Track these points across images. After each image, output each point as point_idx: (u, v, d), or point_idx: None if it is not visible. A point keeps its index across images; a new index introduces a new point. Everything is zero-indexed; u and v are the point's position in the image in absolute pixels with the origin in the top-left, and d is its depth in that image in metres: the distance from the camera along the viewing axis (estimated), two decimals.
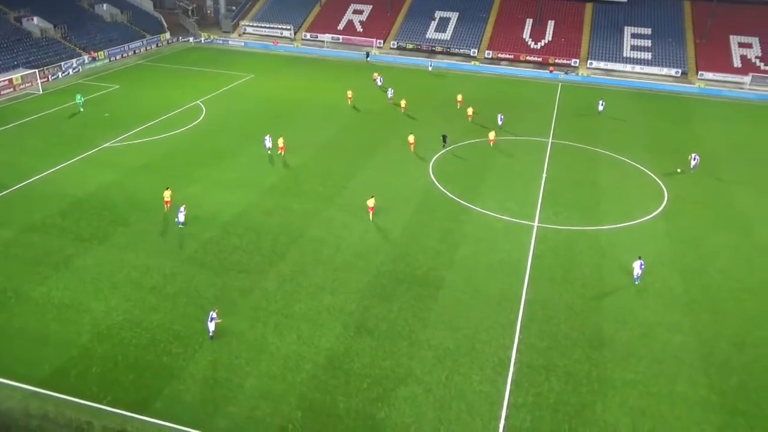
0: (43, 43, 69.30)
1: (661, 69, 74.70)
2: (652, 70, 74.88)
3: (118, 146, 46.22)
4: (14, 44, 66.44)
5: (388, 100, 59.32)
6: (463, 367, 24.46)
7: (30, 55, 65.63)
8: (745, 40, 75.81)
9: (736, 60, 73.82)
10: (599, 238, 35.05)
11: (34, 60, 64.77)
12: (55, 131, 49.12)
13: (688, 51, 76.63)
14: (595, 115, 56.67)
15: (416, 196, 39.23)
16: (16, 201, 36.97)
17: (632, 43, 78.24)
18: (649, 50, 76.88)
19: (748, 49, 74.68)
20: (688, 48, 77.01)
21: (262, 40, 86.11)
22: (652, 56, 76.10)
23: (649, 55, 76.30)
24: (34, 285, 28.77)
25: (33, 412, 21.68)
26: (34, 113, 52.87)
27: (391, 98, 59.50)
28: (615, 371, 24.62)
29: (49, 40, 70.31)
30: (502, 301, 28.82)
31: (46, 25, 71.62)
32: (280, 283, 29.59)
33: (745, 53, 74.35)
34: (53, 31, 71.88)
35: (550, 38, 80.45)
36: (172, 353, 24.70)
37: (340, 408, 22.33)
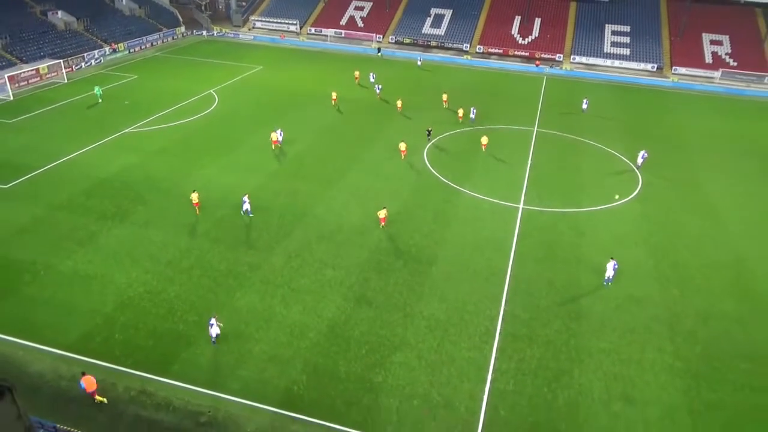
0: (67, 35, 68.44)
1: (639, 64, 74.13)
2: (630, 65, 74.31)
3: (137, 132, 45.90)
4: (40, 36, 65.60)
5: (377, 95, 57.25)
6: (453, 336, 24.61)
7: (55, 46, 64.84)
8: (716, 37, 75.19)
9: (708, 56, 73.27)
10: (579, 219, 35.06)
11: (59, 51, 64.02)
12: (78, 117, 48.73)
13: (664, 47, 76.03)
14: (579, 113, 55.19)
15: (411, 180, 39.11)
16: (43, 182, 36.80)
17: (612, 39, 77.54)
18: (627, 46, 76.22)
19: (718, 46, 74.09)
20: (664, 45, 76.38)
21: (270, 34, 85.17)
22: (630, 52, 75.47)
23: (628, 51, 75.66)
24: (62, 259, 28.76)
25: (62, 374, 21.81)
26: (60, 101, 52.39)
27: (379, 93, 57.37)
28: (591, 340, 24.80)
29: (73, 33, 69.43)
30: (489, 276, 28.90)
31: (70, 19, 70.66)
32: (287, 259, 29.61)
33: (716, 50, 73.78)
34: (76, 24, 70.95)
35: (537, 34, 79.66)
36: (188, 321, 24.79)
37: (341, 372, 22.49)
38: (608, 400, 21.76)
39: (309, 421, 20.27)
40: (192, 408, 20.56)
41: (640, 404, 21.64)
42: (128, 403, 20.65)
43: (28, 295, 26.14)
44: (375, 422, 20.36)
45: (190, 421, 20.07)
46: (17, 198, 34.54)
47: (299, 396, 21.29)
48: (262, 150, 43.04)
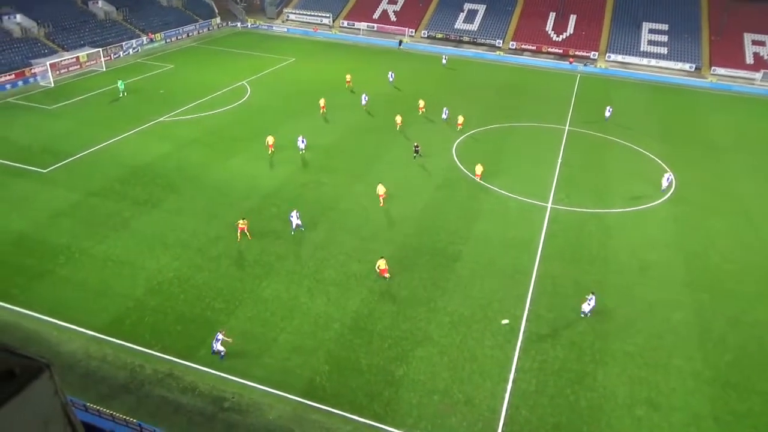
0: (107, 24, 69.93)
1: (676, 63, 72.30)
2: (667, 64, 72.52)
3: (171, 121, 46.73)
4: (81, 25, 67.17)
5: (363, 105, 51.02)
6: (476, 333, 24.52)
7: (95, 35, 66.32)
8: (758, 38, 72.77)
9: (749, 57, 71.01)
10: (608, 220, 34.48)
11: (98, 40, 65.47)
12: (115, 105, 49.83)
13: (703, 47, 73.94)
14: (603, 122, 50.94)
15: (439, 175, 38.97)
16: (80, 167, 37.78)
17: (649, 38, 75.74)
18: (665, 45, 74.38)
19: (760, 47, 71.73)
20: (703, 44, 74.28)
21: (303, 27, 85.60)
22: (667, 51, 73.64)
23: (665, 50, 73.84)
24: (96, 243, 29.53)
25: (93, 354, 22.45)
26: (98, 88, 53.63)
27: (366, 104, 51.17)
28: (616, 343, 24.43)
29: (112, 22, 70.91)
30: (515, 275, 28.67)
31: (110, 8, 72.16)
32: (313, 250, 29.85)
33: (757, 50, 71.44)
34: (116, 14, 72.43)
35: (572, 31, 78.32)
36: (215, 308, 25.23)
37: (363, 364, 22.62)
38: (632, 404, 21.43)
39: (330, 411, 20.47)
40: (216, 393, 20.96)
41: (665, 410, 21.25)
42: (155, 385, 21.15)
43: (63, 276, 26.93)
44: (395, 416, 20.45)
45: (214, 405, 20.47)
46: (55, 182, 35.55)
47: (321, 386, 21.50)
48: (292, 141, 43.37)
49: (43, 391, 2.48)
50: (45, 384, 2.47)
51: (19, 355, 2.52)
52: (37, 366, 2.48)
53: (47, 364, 2.48)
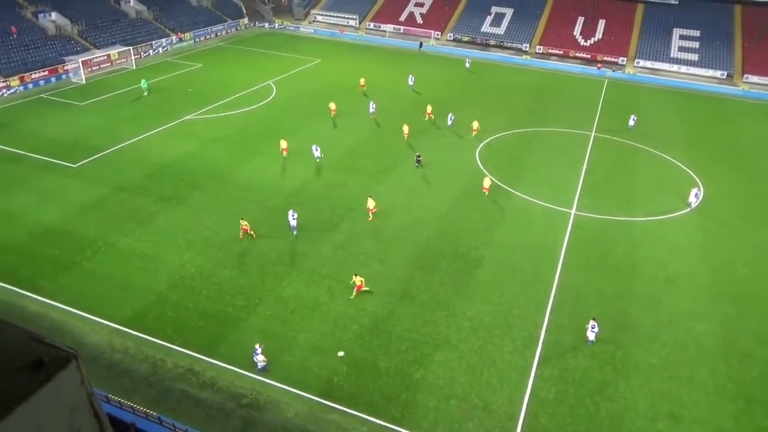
0: (138, 23, 71.20)
1: (707, 71, 70.84)
2: (697, 71, 71.10)
3: (197, 119, 47.37)
4: (113, 24, 68.51)
5: (370, 115, 49.39)
6: (496, 339, 24.31)
7: (126, 33, 67.59)
8: None
9: None
10: (634, 228, 33.92)
11: (129, 38, 66.71)
12: (144, 103, 50.70)
13: (736, 54, 72.33)
14: (625, 131, 49.37)
15: (462, 179, 38.77)
16: (109, 163, 38.52)
17: (680, 44, 74.38)
18: (696, 52, 72.95)
19: None
20: (736, 51, 72.67)
21: (330, 28, 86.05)
22: (698, 58, 72.21)
23: (696, 56, 72.42)
24: (121, 237, 30.06)
25: (116, 347, 22.83)
26: (128, 86, 54.61)
27: (373, 113, 49.51)
28: (639, 354, 24.00)
29: (143, 21, 72.17)
30: (536, 282, 28.37)
31: (141, 7, 73.48)
32: (334, 251, 29.95)
33: None
34: (147, 13, 73.71)
35: (600, 36, 77.34)
36: (236, 305, 25.46)
37: (381, 366, 22.60)
38: (654, 416, 21.01)
39: (347, 412, 20.49)
40: (235, 389, 21.14)
41: (687, 423, 20.79)
42: (176, 379, 21.42)
43: (89, 269, 27.46)
44: (411, 419, 20.38)
45: (232, 402, 20.65)
46: (84, 177, 36.29)
47: (339, 386, 21.53)
48: (316, 141, 43.60)
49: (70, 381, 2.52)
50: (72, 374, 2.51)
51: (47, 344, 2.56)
52: (65, 356, 2.52)
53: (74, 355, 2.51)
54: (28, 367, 2.43)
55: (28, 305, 24.87)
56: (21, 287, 25.84)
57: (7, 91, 51.59)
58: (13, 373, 2.46)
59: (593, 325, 24.07)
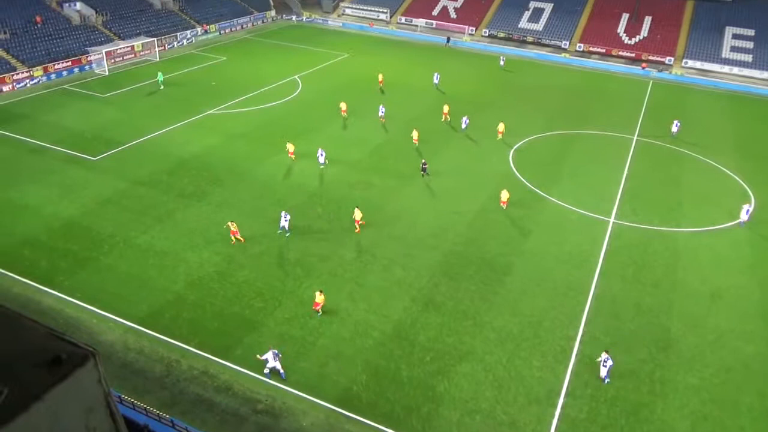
0: (163, 14, 72.63)
1: (762, 72, 69.01)
2: (751, 72, 69.31)
3: (220, 113, 48.08)
4: (138, 14, 70.03)
5: (380, 118, 47.81)
6: (525, 352, 24.09)
7: (150, 24, 69.02)
8: None
9: None
10: (677, 240, 33.24)
11: (153, 29, 68.10)
12: (166, 96, 51.67)
13: None
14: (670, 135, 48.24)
15: (493, 182, 38.51)
16: (129, 157, 39.37)
17: (732, 43, 72.65)
18: (750, 52, 71.14)
19: None
20: None
21: (359, 22, 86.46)
22: (753, 59, 70.41)
23: (750, 57, 70.62)
24: (140, 233, 30.68)
25: (131, 346, 23.31)
26: (150, 78, 55.70)
27: (382, 116, 47.87)
28: (679, 374, 23.49)
29: (168, 12, 73.59)
30: (569, 293, 28.03)
31: None
32: (357, 254, 30.06)
33: None
34: (172, 4, 75.14)
35: (646, 34, 76.05)
36: (254, 307, 25.75)
37: (403, 376, 22.59)
38: None
39: (365, 422, 20.53)
40: (250, 394, 21.37)
41: None
42: (190, 382, 21.76)
43: (106, 265, 28.11)
44: None
45: (247, 407, 20.88)
46: (104, 170, 37.16)
47: (357, 396, 21.59)
48: (340, 139, 43.87)
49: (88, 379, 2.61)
50: (90, 372, 2.60)
51: (66, 341, 2.65)
52: (83, 353, 2.61)
53: (93, 352, 2.60)
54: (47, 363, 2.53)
55: (45, 300, 25.57)
56: (38, 282, 26.59)
57: (30, 81, 53.15)
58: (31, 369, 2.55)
59: (605, 359, 22.57)
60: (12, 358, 2.60)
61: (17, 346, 2.64)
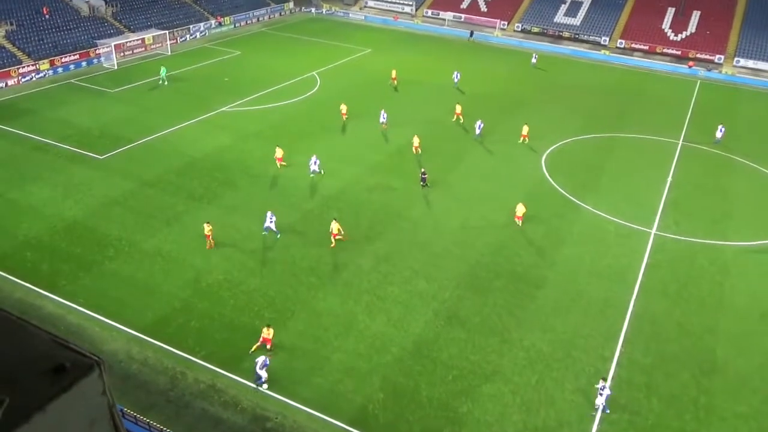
0: (175, 5, 73.76)
1: None
2: None
3: (234, 111, 48.63)
4: (149, 6, 71.21)
5: (382, 125, 46.30)
6: (556, 373, 23.85)
7: (162, 16, 70.14)
8: None
9: None
10: (725, 254, 32.68)
11: (165, 21, 69.18)
12: (177, 92, 52.43)
13: None
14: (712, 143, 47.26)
15: (524, 188, 38.30)
16: (137, 156, 39.99)
17: None
18: None
19: None
20: None
21: (383, 15, 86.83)
22: None
23: None
24: (147, 237, 31.11)
25: (134, 356, 23.61)
26: (166, 75, 56.50)
27: (384, 122, 46.36)
28: (726, 401, 23.05)
29: (181, 4, 74.71)
30: (606, 310, 27.71)
31: None
32: (375, 263, 30.10)
33: None
34: None
35: (694, 30, 75.15)
36: (264, 318, 25.90)
37: (423, 396, 22.52)
38: None
39: None
40: (259, 411, 21.49)
41: None
42: (196, 396, 21.95)
43: (111, 269, 28.55)
44: None
45: (256, 425, 20.99)
46: (111, 170, 37.80)
47: (374, 415, 21.58)
48: (360, 140, 44.02)
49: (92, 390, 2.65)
50: (94, 382, 2.64)
51: (70, 349, 2.71)
52: (87, 362, 2.66)
53: (98, 362, 2.65)
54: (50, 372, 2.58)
55: (46, 306, 26.04)
56: (39, 286, 27.10)
57: (36, 75, 54.36)
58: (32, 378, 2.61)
59: (603, 387, 21.97)
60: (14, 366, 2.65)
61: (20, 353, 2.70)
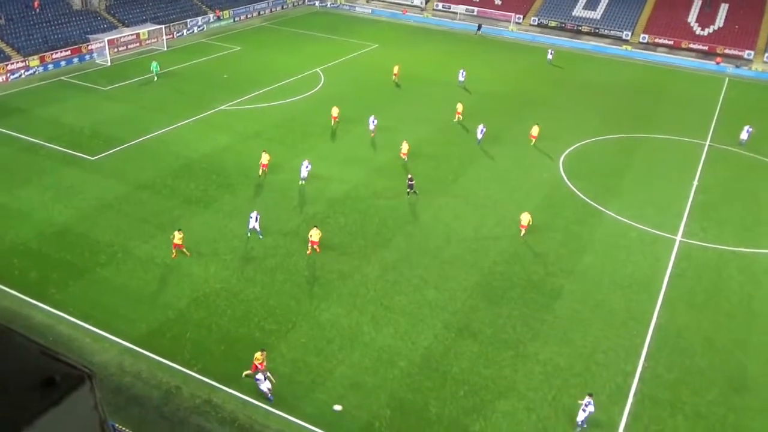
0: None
1: None
2: None
3: (233, 110, 48.82)
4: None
5: (371, 132, 44.96)
6: (574, 389, 23.74)
7: (158, 10, 70.55)
8: None
9: None
10: (756, 263, 32.50)
11: (161, 15, 69.57)
12: (174, 89, 52.70)
13: None
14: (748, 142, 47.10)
15: (541, 192, 38.27)
16: (131, 157, 40.18)
17: None
18: None
19: None
20: None
21: (391, 8, 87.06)
22: None
23: None
24: (140, 243, 31.23)
25: (127, 369, 23.67)
26: (158, 71, 56.79)
27: (373, 130, 44.90)
28: (757, 420, 22.89)
29: None
30: (628, 321, 27.59)
31: None
32: (382, 271, 30.10)
33: None
34: None
35: (722, 24, 74.95)
36: (264, 329, 25.94)
37: (432, 413, 22.47)
38: None
39: None
40: (258, 428, 21.49)
41: None
42: (192, 412, 21.98)
43: (103, 277, 28.67)
44: None
45: None
46: (103, 172, 38.00)
47: None
48: (365, 141, 44.09)
49: (82, 404, 2.68)
50: (85, 396, 2.67)
51: (61, 361, 2.73)
52: (78, 375, 2.68)
53: (89, 374, 2.67)
54: (39, 385, 2.60)
55: (35, 315, 26.15)
56: (28, 294, 27.21)
57: (25, 72, 54.78)
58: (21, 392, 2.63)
59: (588, 402, 21.80)
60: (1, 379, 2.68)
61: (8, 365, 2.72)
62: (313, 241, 30.75)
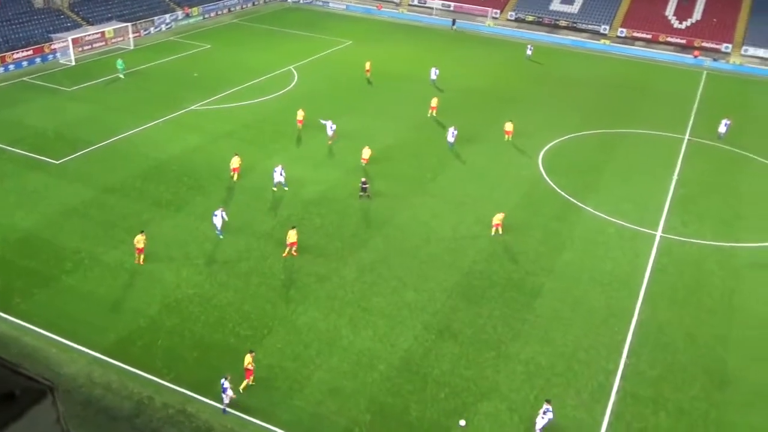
0: None
1: None
2: None
3: (204, 109, 48.49)
4: None
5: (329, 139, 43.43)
6: (556, 388, 23.99)
7: (124, 8, 69.78)
8: None
9: None
10: (735, 257, 33.11)
11: (127, 13, 68.84)
12: (142, 89, 52.18)
13: None
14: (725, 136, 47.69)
15: (520, 190, 38.59)
16: (98, 159, 39.72)
17: None
18: None
19: None
20: None
21: (365, 4, 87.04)
22: None
23: None
24: (108, 248, 30.88)
25: (96, 380, 23.39)
26: (125, 69, 56.23)
27: (332, 137, 43.37)
28: (739, 415, 23.34)
29: None
30: (609, 319, 27.95)
31: None
32: (360, 273, 30.13)
33: None
34: None
35: (699, 17, 76.11)
36: (239, 335, 25.82)
37: (413, 416, 22.56)
38: None
39: None
40: None
41: None
42: (165, 422, 21.80)
43: (69, 285, 28.30)
44: None
45: None
46: (68, 176, 37.51)
47: None
48: (340, 141, 44.02)
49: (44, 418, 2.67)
50: (47, 410, 2.66)
51: (20, 374, 2.72)
52: (39, 389, 2.68)
53: (51, 387, 2.67)
54: None
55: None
56: None
57: None
58: None
59: (546, 410, 21.57)
60: None
61: None
62: (291, 243, 30.65)
